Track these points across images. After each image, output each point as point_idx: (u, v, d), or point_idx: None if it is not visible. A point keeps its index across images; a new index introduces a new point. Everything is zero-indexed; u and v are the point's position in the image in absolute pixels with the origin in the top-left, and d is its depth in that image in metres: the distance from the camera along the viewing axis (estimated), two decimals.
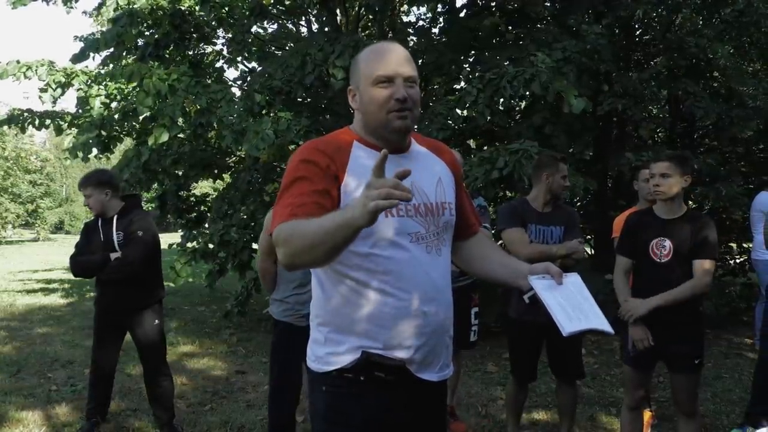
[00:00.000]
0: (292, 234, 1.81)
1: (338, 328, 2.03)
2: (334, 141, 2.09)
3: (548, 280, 2.08)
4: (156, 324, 4.64)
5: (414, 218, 2.02)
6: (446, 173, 2.21)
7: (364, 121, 2.08)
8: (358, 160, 2.02)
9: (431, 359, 2.06)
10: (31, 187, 42.78)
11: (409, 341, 1.99)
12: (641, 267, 3.75)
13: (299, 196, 1.93)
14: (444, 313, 2.08)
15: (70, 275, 4.86)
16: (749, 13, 9.12)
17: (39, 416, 5.17)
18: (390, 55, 2.04)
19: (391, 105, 2.00)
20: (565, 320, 1.99)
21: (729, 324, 8.46)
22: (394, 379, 2.00)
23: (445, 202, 2.14)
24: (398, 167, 1.92)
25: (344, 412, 2.02)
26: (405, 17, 11.48)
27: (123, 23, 9.00)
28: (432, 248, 2.06)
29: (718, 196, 8.32)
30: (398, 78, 2.01)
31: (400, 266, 1.98)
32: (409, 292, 1.98)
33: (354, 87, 2.11)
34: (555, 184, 4.19)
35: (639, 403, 3.93)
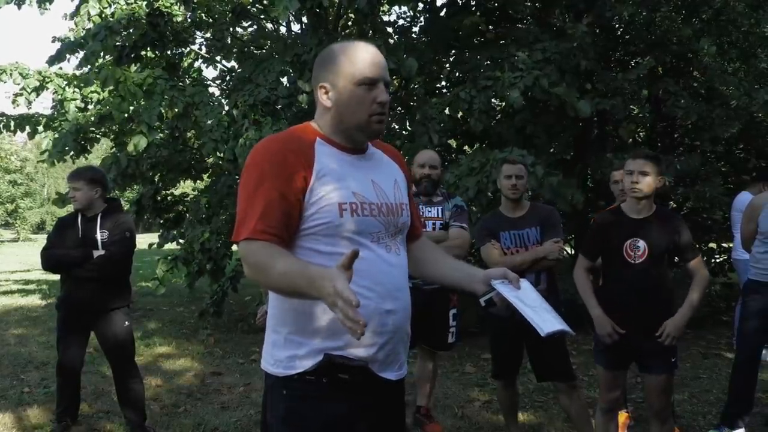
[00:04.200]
0: (258, 265, 1.86)
1: (299, 329, 2.00)
2: (296, 138, 2.04)
3: (508, 284, 2.09)
4: (126, 325, 4.61)
5: (377, 218, 2.02)
6: (401, 176, 2.22)
7: (337, 119, 2.03)
8: (323, 156, 2.00)
9: (392, 358, 2.07)
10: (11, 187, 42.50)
11: (372, 340, 1.98)
12: (614, 269, 3.72)
13: (268, 206, 1.90)
14: (404, 311, 2.08)
15: (49, 276, 4.82)
16: (726, 12, 9.17)
17: (10, 418, 5.11)
18: (375, 57, 2.02)
19: (373, 108, 1.99)
20: (541, 321, 2.01)
21: (708, 324, 8.46)
22: (357, 380, 1.99)
23: (403, 203, 2.16)
24: (360, 167, 2.06)
25: (305, 416, 1.99)
26: (385, 16, 11.42)
27: (102, 37, 8.91)
28: (391, 248, 2.07)
29: (699, 196, 8.34)
30: (381, 82, 2.00)
31: (362, 265, 1.90)
32: (372, 290, 1.97)
33: (328, 84, 2.03)
34: (503, 186, 4.24)
35: (613, 405, 3.89)
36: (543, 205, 4.61)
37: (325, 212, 1.94)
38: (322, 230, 1.95)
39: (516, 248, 4.13)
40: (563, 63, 7.85)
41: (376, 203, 2.03)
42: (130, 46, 9.11)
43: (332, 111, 2.04)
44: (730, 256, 8.54)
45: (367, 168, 2.08)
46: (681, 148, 10.00)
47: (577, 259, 3.90)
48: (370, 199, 2.02)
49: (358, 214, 1.97)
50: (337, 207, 1.94)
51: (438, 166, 4.69)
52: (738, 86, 8.72)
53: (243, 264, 1.92)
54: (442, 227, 4.57)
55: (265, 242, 1.87)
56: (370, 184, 2.05)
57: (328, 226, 1.94)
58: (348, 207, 1.96)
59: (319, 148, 2.02)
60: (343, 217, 1.94)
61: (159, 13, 9.05)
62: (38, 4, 9.75)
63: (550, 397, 5.49)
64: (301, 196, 1.94)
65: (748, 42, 9.91)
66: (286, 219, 1.91)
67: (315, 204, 1.94)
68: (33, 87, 9.15)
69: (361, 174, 2.04)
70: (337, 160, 2.02)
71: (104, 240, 4.48)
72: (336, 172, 1.99)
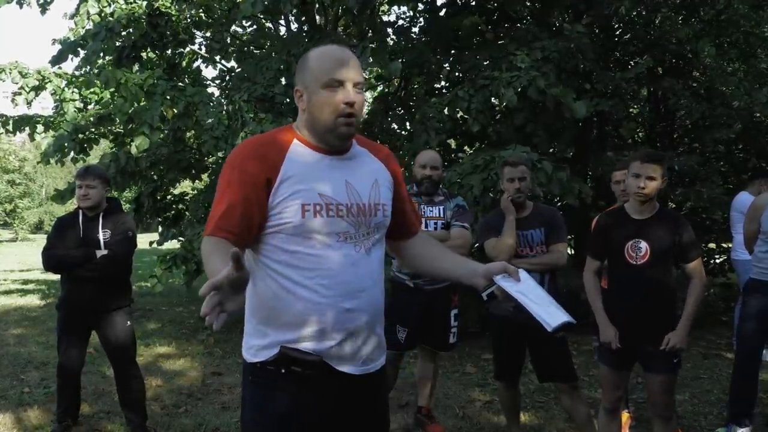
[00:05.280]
0: (203, 258, 1.93)
1: (263, 320, 2.10)
2: (271, 140, 2.13)
3: (509, 278, 2.13)
4: (128, 326, 4.60)
5: (345, 218, 2.08)
6: (384, 175, 2.26)
7: (310, 122, 2.11)
8: (294, 159, 2.07)
9: (353, 354, 2.11)
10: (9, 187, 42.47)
11: (328, 336, 2.05)
12: (616, 269, 3.72)
13: (229, 207, 2.00)
14: (368, 310, 2.13)
15: (48, 276, 4.82)
16: (727, 13, 9.17)
17: (10, 419, 5.09)
18: (342, 59, 2.07)
19: (341, 109, 2.03)
20: (547, 316, 2.06)
21: (708, 324, 8.46)
22: (313, 373, 2.05)
23: (379, 203, 2.19)
24: (336, 167, 2.12)
25: (267, 404, 2.09)
26: (385, 17, 11.42)
27: (102, 37, 8.91)
28: (361, 248, 2.12)
29: (698, 197, 8.33)
30: (348, 83, 2.05)
31: (325, 264, 2.04)
32: (332, 289, 2.04)
33: (301, 87, 2.12)
34: (506, 190, 4.23)
35: (617, 405, 3.88)
36: (547, 207, 4.60)
37: (288, 212, 2.01)
38: (286, 229, 2.02)
39: (521, 248, 4.12)
40: (562, 62, 7.85)
41: (346, 204, 2.08)
42: (129, 47, 9.11)
43: (306, 113, 2.11)
44: (729, 256, 8.55)
45: (343, 168, 2.13)
46: (681, 148, 9.99)
47: (586, 262, 3.88)
48: (338, 199, 2.07)
49: (321, 215, 2.03)
50: (299, 207, 2.01)
51: (439, 167, 4.69)
52: (738, 86, 8.73)
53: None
54: (444, 227, 4.57)
55: (218, 239, 1.95)
56: (343, 184, 2.10)
57: (289, 226, 2.02)
58: (311, 208, 2.02)
59: (294, 150, 2.09)
60: (305, 217, 2.01)
61: (159, 13, 9.04)
62: (39, 4, 9.76)
63: (551, 398, 5.49)
64: (265, 197, 2.01)
65: (747, 42, 9.92)
66: (247, 220, 1.99)
67: (279, 204, 2.02)
68: (32, 86, 9.14)
69: (334, 175, 2.10)
70: (309, 162, 2.09)
71: (106, 240, 4.48)
72: (304, 173, 2.05)
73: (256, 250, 2.10)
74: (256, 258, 2.11)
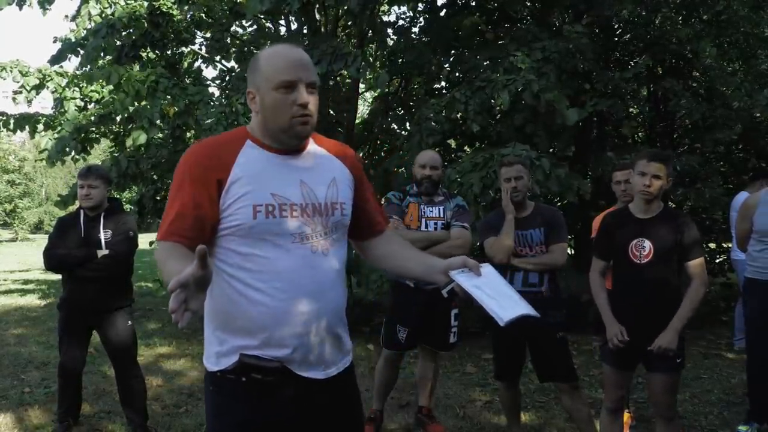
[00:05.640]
0: (159, 264, 1.91)
1: (221, 326, 2.07)
2: (223, 142, 2.11)
3: (468, 273, 2.11)
4: (129, 325, 4.61)
5: (299, 219, 2.05)
6: (343, 173, 2.22)
7: (264, 123, 2.08)
8: (246, 160, 2.04)
9: (314, 358, 2.08)
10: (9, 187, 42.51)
11: (287, 341, 2.01)
12: (620, 268, 3.72)
13: (180, 210, 1.98)
14: (328, 312, 2.10)
15: (48, 276, 4.82)
16: (727, 13, 9.18)
17: (11, 419, 5.10)
18: (293, 59, 2.04)
19: (293, 111, 2.01)
20: (500, 309, 2.02)
21: (708, 324, 8.46)
22: (274, 380, 2.02)
23: (337, 202, 2.16)
24: (290, 167, 2.09)
25: (228, 413, 2.06)
26: (385, 17, 11.42)
27: (104, 34, 8.91)
28: (318, 248, 2.08)
29: (698, 196, 8.34)
30: (301, 83, 2.02)
31: (278, 267, 2.01)
32: (287, 292, 2.01)
33: (253, 89, 2.09)
34: (504, 189, 4.24)
35: (619, 405, 3.88)
36: (547, 207, 4.60)
37: (239, 214, 1.98)
38: (238, 231, 2.00)
39: (520, 248, 4.12)
40: (562, 63, 7.86)
41: (300, 204, 2.05)
42: (129, 46, 9.11)
43: (260, 116, 2.08)
44: (729, 256, 8.56)
45: (299, 168, 2.10)
46: (681, 148, 10.00)
47: (592, 262, 3.88)
48: (292, 199, 2.04)
49: (273, 216, 2.00)
50: (251, 209, 1.98)
51: (439, 167, 4.68)
52: (739, 87, 8.74)
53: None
54: (444, 227, 4.57)
55: (172, 243, 1.93)
56: (298, 184, 2.07)
57: (242, 228, 1.99)
58: (263, 209, 1.99)
59: (246, 151, 2.06)
60: (257, 218, 1.98)
61: (160, 12, 9.05)
62: (39, 5, 9.77)
63: (551, 398, 5.49)
64: (216, 199, 1.99)
65: (748, 43, 9.93)
66: (199, 223, 1.97)
67: (231, 206, 1.99)
68: (32, 85, 9.14)
69: (288, 175, 2.07)
70: (262, 162, 2.05)
71: (108, 240, 4.49)
72: (256, 174, 2.02)
73: (210, 253, 2.03)
74: (212, 261, 1.99)
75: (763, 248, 4.66)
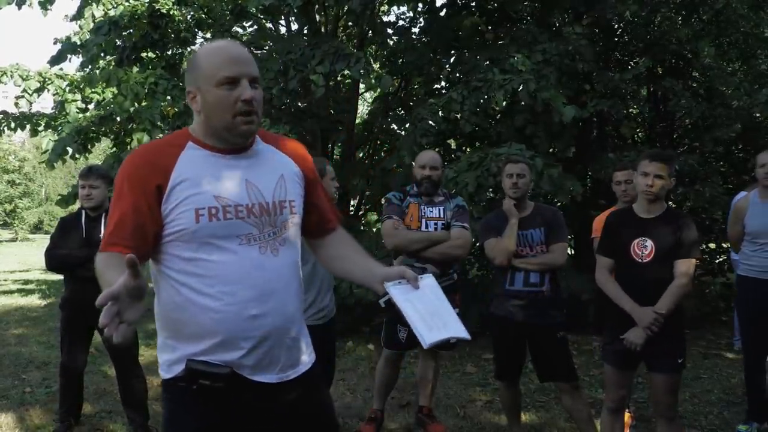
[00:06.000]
0: (97, 274, 1.89)
1: (171, 334, 2.03)
2: (162, 146, 2.07)
3: (404, 285, 2.05)
4: None
5: (246, 219, 1.99)
6: (291, 170, 2.16)
7: (207, 123, 2.01)
8: (187, 163, 1.98)
9: (267, 362, 2.02)
10: (9, 187, 42.52)
11: (236, 345, 1.96)
12: (621, 267, 3.72)
13: (120, 219, 1.93)
14: (280, 314, 2.03)
15: (48, 276, 4.83)
16: (727, 13, 9.19)
17: (12, 418, 5.11)
18: (234, 55, 1.98)
19: (238, 107, 1.95)
20: (425, 330, 1.97)
21: (708, 324, 8.48)
22: (224, 386, 1.96)
23: (285, 200, 2.10)
24: (234, 167, 2.03)
25: (180, 421, 2.04)
26: (385, 17, 11.43)
27: (105, 32, 8.93)
28: (267, 249, 2.02)
29: (698, 196, 8.35)
30: (243, 79, 1.96)
31: (225, 270, 1.95)
32: (235, 295, 1.95)
33: (193, 88, 2.02)
34: (505, 185, 4.24)
35: (620, 405, 3.89)
36: (547, 206, 4.61)
37: (182, 218, 1.93)
38: (181, 236, 1.94)
39: (521, 248, 4.13)
40: (562, 65, 7.87)
41: (246, 204, 2.00)
42: (130, 47, 9.13)
43: (202, 115, 2.02)
44: (729, 256, 8.57)
45: (244, 167, 2.04)
46: (681, 148, 10.01)
47: (597, 261, 3.87)
48: (236, 200, 1.98)
49: (218, 218, 1.94)
50: (193, 213, 1.93)
51: (439, 167, 4.68)
52: (738, 87, 8.75)
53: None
54: (444, 227, 4.58)
55: (113, 253, 1.89)
56: (243, 184, 2.01)
57: (185, 233, 1.94)
58: (206, 212, 1.94)
59: (188, 153, 2.00)
60: (200, 222, 1.93)
61: (160, 13, 9.06)
62: (40, 5, 9.78)
63: (551, 397, 5.50)
64: (157, 206, 1.93)
65: (747, 43, 9.93)
66: (140, 231, 1.92)
67: (173, 211, 1.94)
68: (34, 89, 9.18)
69: (232, 175, 2.01)
70: (204, 164, 2.00)
71: None
72: (198, 176, 1.97)
73: (156, 260, 2.02)
74: (158, 268, 2.02)
75: (757, 248, 4.71)
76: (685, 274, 3.55)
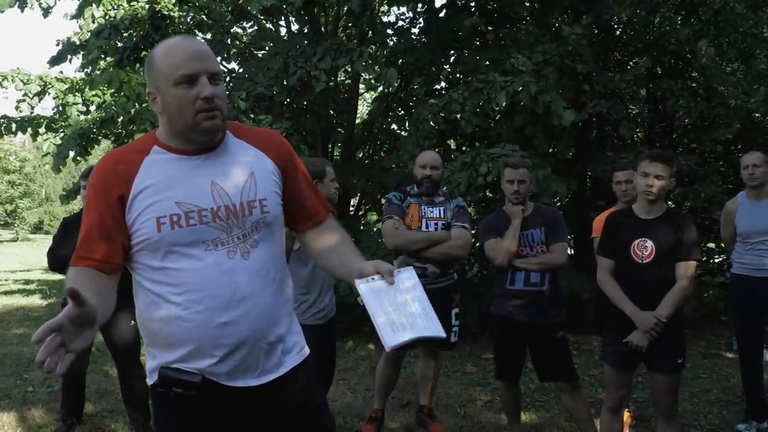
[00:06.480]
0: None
1: (149, 341, 2.01)
2: (126, 153, 1.98)
3: (377, 282, 1.89)
4: (132, 325, 4.60)
5: (210, 224, 1.91)
6: (264, 166, 2.05)
7: (170, 124, 1.93)
8: (150, 170, 1.91)
9: (243, 368, 1.96)
10: (9, 188, 42.58)
11: (207, 353, 1.91)
12: (621, 268, 3.71)
13: (88, 232, 1.90)
14: (253, 319, 1.94)
15: (49, 276, 4.85)
16: (725, 13, 9.21)
17: (14, 418, 5.13)
18: (190, 51, 1.88)
19: (198, 105, 1.86)
20: (388, 332, 1.81)
21: (707, 324, 8.50)
22: (197, 394, 1.92)
23: (255, 200, 1.98)
24: (199, 169, 1.94)
25: (163, 426, 2.05)
26: (385, 17, 11.44)
27: (106, 35, 8.96)
28: (236, 252, 1.94)
29: (697, 196, 8.36)
30: (202, 76, 1.87)
31: (192, 278, 1.89)
32: (203, 302, 1.88)
33: (153, 89, 1.93)
34: (505, 190, 4.25)
35: (620, 404, 3.89)
36: (547, 207, 4.62)
37: (144, 228, 1.88)
38: (146, 246, 1.89)
39: (521, 248, 4.14)
40: (562, 65, 7.89)
41: (211, 208, 1.91)
42: (130, 48, 9.16)
43: (164, 116, 1.94)
44: (728, 256, 8.58)
45: (210, 168, 1.96)
46: (680, 148, 10.02)
47: (598, 262, 3.86)
48: (201, 205, 1.90)
49: (180, 226, 1.87)
50: (154, 222, 1.87)
51: (439, 167, 4.69)
52: (736, 86, 8.77)
53: None
54: (444, 227, 4.59)
55: (81, 268, 1.86)
56: (208, 187, 1.93)
57: (148, 242, 1.88)
58: (167, 220, 1.87)
59: (152, 158, 1.94)
60: (162, 231, 1.86)
61: (161, 15, 9.09)
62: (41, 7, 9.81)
63: (551, 397, 5.52)
64: (121, 216, 1.89)
65: (746, 43, 9.95)
66: (107, 242, 1.88)
67: (136, 221, 1.88)
68: (35, 92, 9.24)
69: (196, 178, 1.93)
70: (168, 169, 1.92)
71: None
72: (160, 183, 1.90)
73: (131, 268, 1.98)
74: (134, 277, 1.98)
75: (748, 248, 4.79)
76: (686, 276, 3.56)
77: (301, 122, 9.17)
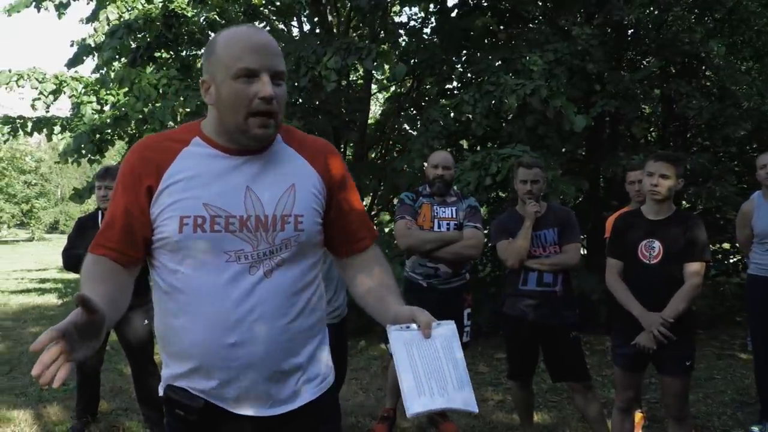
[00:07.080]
0: (81, 282, 1.69)
1: (161, 347, 1.85)
2: (163, 140, 1.81)
3: (412, 332, 1.67)
4: (146, 324, 4.64)
5: (237, 234, 1.71)
6: (308, 179, 1.84)
7: (219, 118, 1.75)
8: (185, 163, 1.75)
9: (253, 396, 1.76)
10: (25, 188, 42.88)
11: (211, 374, 1.74)
12: (629, 269, 3.71)
13: (110, 219, 1.77)
14: (263, 343, 1.73)
15: (65, 275, 4.89)
16: (739, 12, 9.16)
17: (30, 415, 5.18)
18: (256, 44, 1.70)
19: (254, 105, 1.68)
20: (413, 395, 1.58)
21: (722, 324, 8.45)
22: (198, 419, 1.76)
23: (290, 214, 1.78)
24: (239, 171, 1.76)
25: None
26: (396, 17, 11.46)
27: (120, 35, 9.03)
28: (258, 269, 1.73)
29: (710, 196, 8.33)
30: (264, 73, 1.68)
31: (206, 290, 1.71)
32: (211, 318, 1.70)
33: (208, 78, 1.75)
34: (519, 190, 4.25)
35: (629, 405, 3.90)
36: (560, 207, 4.60)
37: (166, 226, 1.71)
38: (166, 245, 1.73)
39: (534, 249, 4.14)
40: (573, 65, 7.88)
41: (240, 216, 1.72)
42: (144, 48, 9.22)
43: (214, 109, 1.77)
44: (743, 256, 8.54)
45: (249, 172, 1.76)
46: (693, 147, 9.98)
47: (607, 263, 3.86)
48: (230, 210, 1.71)
49: (204, 230, 1.69)
50: (177, 221, 1.70)
51: (451, 167, 4.69)
52: (750, 86, 8.72)
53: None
54: (457, 227, 4.60)
55: (98, 257, 1.73)
56: (242, 192, 1.74)
57: (168, 242, 1.71)
58: (191, 221, 1.69)
59: (190, 151, 1.77)
60: (183, 232, 1.69)
61: (174, 14, 9.14)
62: (56, 8, 9.89)
63: (564, 397, 5.51)
64: (146, 208, 1.73)
65: (761, 41, 9.90)
66: (128, 234, 1.73)
67: (159, 216, 1.72)
68: (50, 91, 9.32)
69: (232, 180, 1.74)
70: (204, 164, 1.75)
71: None
72: (192, 179, 1.72)
73: (151, 265, 1.81)
74: (153, 275, 1.81)
75: (766, 249, 4.77)
76: (695, 276, 3.54)
77: (313, 122, 9.19)
